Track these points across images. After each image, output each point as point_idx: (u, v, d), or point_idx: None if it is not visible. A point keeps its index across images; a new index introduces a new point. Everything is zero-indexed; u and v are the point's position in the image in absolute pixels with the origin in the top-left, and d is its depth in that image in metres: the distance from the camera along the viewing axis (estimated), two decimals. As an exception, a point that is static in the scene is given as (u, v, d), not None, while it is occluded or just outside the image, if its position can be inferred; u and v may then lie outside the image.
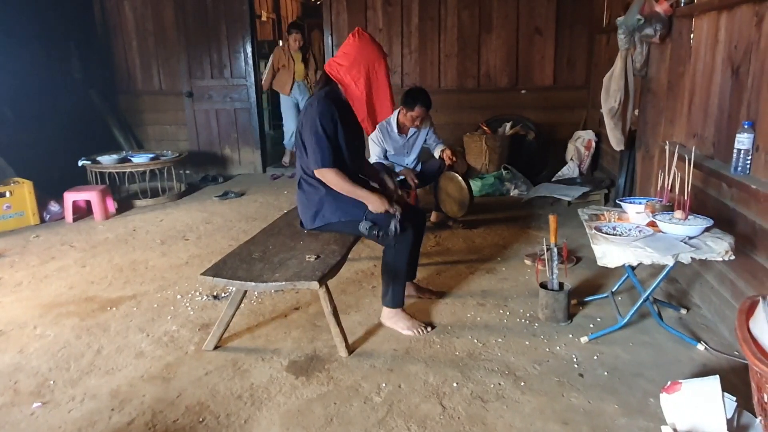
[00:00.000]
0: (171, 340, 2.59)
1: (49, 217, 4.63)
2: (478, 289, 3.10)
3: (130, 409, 2.07)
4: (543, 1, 5.71)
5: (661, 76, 3.34)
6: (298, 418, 2.00)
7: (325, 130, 2.48)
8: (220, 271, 2.33)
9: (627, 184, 4.03)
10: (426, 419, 1.97)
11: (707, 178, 2.70)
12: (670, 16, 3.11)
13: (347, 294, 3.05)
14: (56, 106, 5.64)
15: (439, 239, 3.95)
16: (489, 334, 2.58)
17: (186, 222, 4.56)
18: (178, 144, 6.37)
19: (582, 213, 2.75)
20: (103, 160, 5.06)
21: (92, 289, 3.20)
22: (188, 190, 5.67)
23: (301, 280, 2.22)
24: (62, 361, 2.42)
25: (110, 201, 4.84)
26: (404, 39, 5.94)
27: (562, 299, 2.64)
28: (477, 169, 5.50)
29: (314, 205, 2.65)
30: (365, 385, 2.19)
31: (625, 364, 2.28)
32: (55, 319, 2.83)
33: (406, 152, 4.06)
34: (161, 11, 6.23)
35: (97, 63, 6.28)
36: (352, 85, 2.51)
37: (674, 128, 3.21)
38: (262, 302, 2.96)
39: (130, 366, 2.37)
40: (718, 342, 2.42)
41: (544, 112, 5.93)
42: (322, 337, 2.57)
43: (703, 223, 2.29)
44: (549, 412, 2.00)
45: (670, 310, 2.74)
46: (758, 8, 2.28)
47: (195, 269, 3.43)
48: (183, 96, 6.34)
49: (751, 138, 2.25)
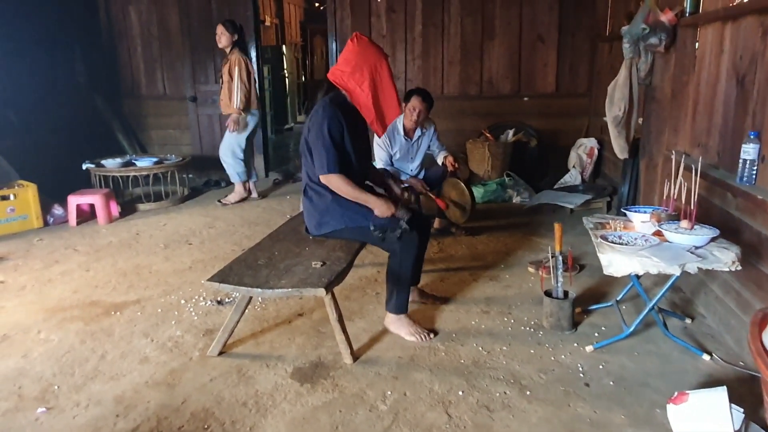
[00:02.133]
0: (175, 346, 2.58)
1: (53, 221, 4.63)
2: (481, 296, 3.10)
3: (134, 416, 2.06)
4: (545, 8, 5.73)
5: (666, 85, 3.35)
6: (303, 426, 1.99)
7: (332, 136, 2.48)
8: (227, 277, 2.33)
9: (630, 192, 4.03)
10: (432, 428, 1.96)
11: (712, 187, 2.70)
12: (675, 25, 3.13)
13: (351, 300, 3.05)
14: (60, 110, 5.66)
15: (442, 246, 3.95)
16: (494, 341, 2.58)
17: (189, 226, 4.56)
18: (181, 148, 6.37)
19: (587, 221, 2.75)
20: (107, 164, 5.07)
21: (96, 294, 3.20)
22: (191, 194, 5.67)
23: (307, 287, 2.22)
24: (66, 366, 2.42)
25: (114, 205, 4.84)
26: (408, 45, 5.96)
27: (567, 307, 2.64)
28: (479, 175, 5.51)
29: (320, 212, 2.65)
30: (370, 392, 2.19)
31: (631, 374, 2.28)
32: (59, 323, 2.82)
33: (411, 158, 4.07)
34: (166, 16, 6.26)
35: (101, 67, 6.30)
36: (357, 89, 2.52)
37: (678, 137, 3.21)
38: (266, 308, 2.96)
39: (134, 371, 2.36)
40: (724, 352, 2.42)
41: (547, 119, 5.94)
42: (327, 343, 2.57)
43: (709, 232, 2.29)
44: (555, 421, 1.99)
45: (675, 319, 2.74)
46: (764, 19, 2.29)
47: (199, 274, 3.43)
48: (187, 100, 6.36)
49: (757, 148, 2.26)
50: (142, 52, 6.40)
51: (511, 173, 5.41)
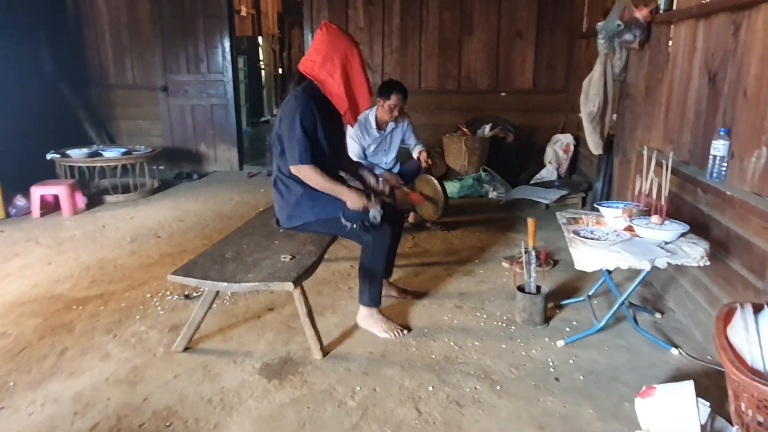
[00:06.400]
0: (139, 342, 2.50)
1: (15, 212, 4.46)
2: (455, 291, 3.07)
3: (93, 414, 1.98)
4: (524, 4, 5.74)
5: (640, 81, 3.37)
6: (269, 423, 1.94)
7: (304, 127, 2.42)
8: (191, 271, 2.26)
9: (604, 188, 4.06)
10: (401, 424, 1.93)
11: (683, 183, 2.72)
12: (650, 22, 3.14)
13: (323, 295, 3.00)
14: (24, 98, 5.44)
15: (417, 240, 3.92)
16: (466, 337, 2.55)
17: (158, 219, 4.44)
18: (151, 139, 6.21)
19: (560, 216, 2.75)
20: (72, 154, 4.91)
21: (57, 288, 3.08)
22: (161, 186, 5.53)
23: (275, 281, 2.16)
24: (23, 363, 2.31)
25: (79, 196, 4.69)
26: (385, 39, 5.91)
27: (539, 303, 2.63)
28: (456, 170, 5.50)
29: (291, 204, 2.59)
30: (340, 388, 2.14)
31: (600, 368, 2.28)
32: (17, 318, 2.71)
33: (385, 150, 4.02)
34: (136, 3, 6.08)
35: (67, 55, 6.09)
36: (329, 79, 2.47)
37: (651, 134, 3.23)
38: (236, 303, 2.89)
39: (95, 369, 2.28)
40: (692, 346, 2.44)
41: (524, 114, 5.96)
42: (297, 339, 2.51)
43: (679, 228, 2.30)
44: (525, 416, 1.98)
45: (645, 314, 2.76)
46: (735, 17, 2.31)
47: (166, 268, 3.33)
48: (157, 90, 6.20)
49: (727, 145, 2.27)
50: (110, 40, 6.21)
51: (487, 168, 5.41)
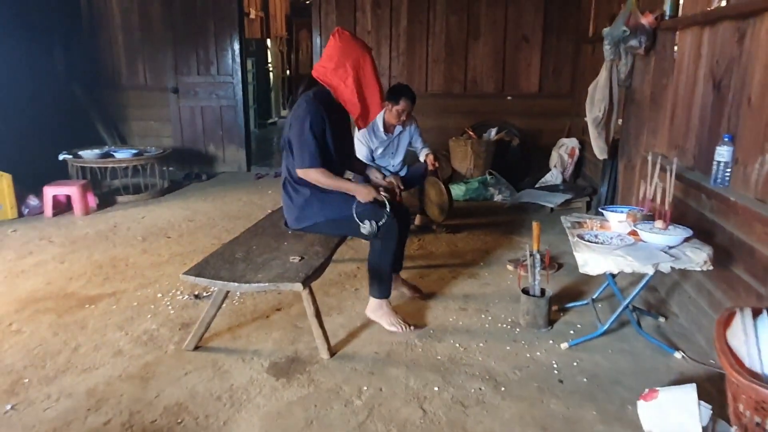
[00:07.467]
0: (150, 339, 2.55)
1: (28, 212, 4.54)
2: (460, 293, 3.11)
3: (106, 409, 2.03)
4: (531, 9, 5.77)
5: (645, 87, 3.39)
6: (277, 420, 1.98)
7: (313, 131, 2.47)
8: (203, 270, 2.31)
9: (609, 192, 4.08)
10: (406, 423, 1.97)
11: (687, 189, 2.75)
12: (655, 28, 3.17)
13: (330, 296, 3.04)
14: (38, 99, 5.54)
15: (423, 243, 3.96)
16: (470, 338, 2.59)
17: (168, 219, 4.50)
18: (161, 140, 6.30)
19: (565, 220, 2.78)
20: (84, 155, 4.98)
21: (70, 286, 3.14)
22: (171, 187, 5.60)
23: (284, 282, 2.21)
24: (38, 358, 2.37)
25: (91, 196, 4.76)
26: (393, 42, 5.96)
27: (544, 305, 2.66)
28: (462, 173, 5.53)
29: (300, 206, 2.64)
30: (346, 388, 2.18)
31: (603, 371, 2.31)
32: (31, 315, 2.77)
33: (392, 153, 4.07)
34: (148, 6, 6.17)
35: (81, 56, 6.18)
36: (341, 85, 2.51)
37: (656, 139, 3.26)
38: (244, 302, 2.94)
39: (107, 365, 2.33)
40: (695, 351, 2.46)
41: (529, 118, 5.99)
42: (304, 338, 2.56)
43: (682, 233, 2.33)
44: (528, 418, 2.01)
45: (648, 318, 2.78)
46: (740, 25, 2.33)
47: (176, 267, 3.39)
48: (168, 92, 6.27)
49: (731, 151, 2.30)
50: (123, 42, 6.30)
51: (493, 172, 5.44)
